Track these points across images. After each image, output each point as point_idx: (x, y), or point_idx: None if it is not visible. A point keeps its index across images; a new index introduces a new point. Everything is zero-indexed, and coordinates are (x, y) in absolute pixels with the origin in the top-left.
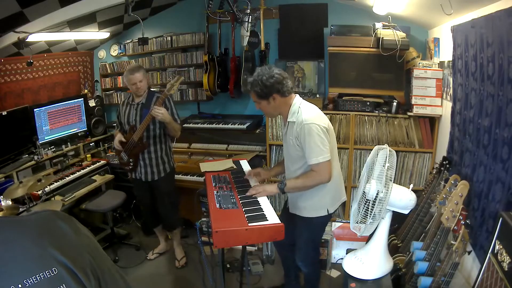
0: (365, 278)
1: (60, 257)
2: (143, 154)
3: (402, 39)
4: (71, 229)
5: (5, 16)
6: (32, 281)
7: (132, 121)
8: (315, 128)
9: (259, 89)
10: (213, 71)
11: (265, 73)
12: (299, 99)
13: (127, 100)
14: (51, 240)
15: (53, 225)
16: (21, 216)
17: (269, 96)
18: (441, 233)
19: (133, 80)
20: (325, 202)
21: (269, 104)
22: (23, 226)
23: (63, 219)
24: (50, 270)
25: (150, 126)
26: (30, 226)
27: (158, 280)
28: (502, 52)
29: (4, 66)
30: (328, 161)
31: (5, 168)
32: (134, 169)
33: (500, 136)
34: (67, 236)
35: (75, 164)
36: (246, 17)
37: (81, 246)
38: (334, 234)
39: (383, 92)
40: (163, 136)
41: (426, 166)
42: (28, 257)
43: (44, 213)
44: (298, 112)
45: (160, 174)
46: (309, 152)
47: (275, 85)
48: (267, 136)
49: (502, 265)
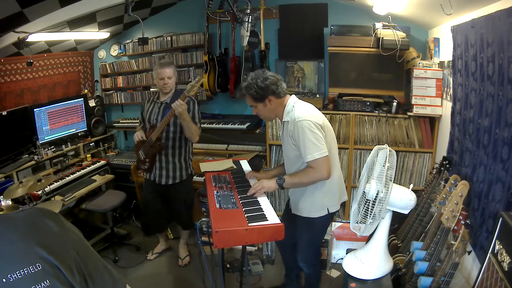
0: (365, 278)
1: (44, 253)
2: (160, 155)
3: (402, 39)
4: (57, 226)
5: (5, 16)
6: (16, 275)
7: (153, 119)
8: (307, 124)
9: (254, 91)
10: (213, 71)
11: (259, 76)
12: (294, 98)
13: (153, 97)
14: (36, 236)
15: (40, 222)
16: (9, 214)
17: (265, 98)
18: (441, 233)
19: (162, 75)
20: (326, 201)
21: (266, 106)
22: (10, 222)
23: (49, 216)
24: (34, 265)
25: (171, 128)
26: (17, 223)
27: (158, 280)
28: (502, 52)
29: (4, 66)
30: (325, 157)
31: (5, 168)
32: (150, 170)
33: (500, 136)
34: (52, 233)
35: (75, 164)
36: (246, 17)
37: (66, 243)
38: (334, 234)
39: (383, 92)
40: (184, 140)
41: (426, 166)
42: (13, 252)
43: (31, 210)
44: (292, 111)
45: (175, 180)
46: (304, 149)
47: (270, 86)
48: (267, 136)
49: (502, 265)
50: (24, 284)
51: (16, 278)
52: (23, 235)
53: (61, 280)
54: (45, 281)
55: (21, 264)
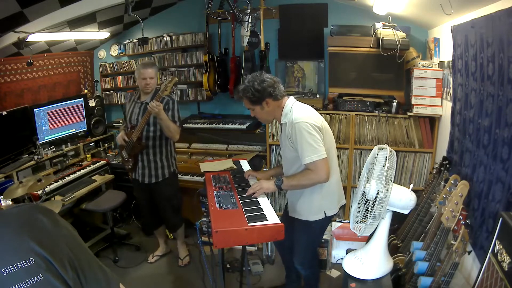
0: (365, 278)
1: (37, 248)
2: (142, 155)
3: (402, 39)
4: (50, 221)
5: (5, 16)
6: (10, 270)
7: (134, 119)
8: (305, 126)
9: (251, 94)
10: (213, 71)
11: (256, 78)
12: (292, 100)
13: (134, 97)
14: (30, 232)
15: (33, 218)
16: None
17: (262, 101)
18: (441, 233)
19: (144, 75)
20: (324, 204)
21: (263, 109)
22: (4, 218)
23: (43, 212)
24: (27, 260)
25: (150, 128)
26: (11, 218)
27: (158, 280)
28: (502, 52)
29: (4, 66)
30: (323, 159)
31: (5, 168)
32: (133, 170)
33: (500, 136)
34: (46, 228)
35: (75, 164)
36: (246, 17)
37: (59, 238)
38: (334, 234)
39: (383, 92)
40: (164, 139)
41: (426, 166)
42: (7, 247)
43: (25, 206)
44: (290, 113)
45: (158, 178)
46: (302, 151)
47: (267, 88)
48: (267, 136)
49: (502, 265)
50: (18, 278)
51: (10, 272)
52: (16, 230)
53: (54, 275)
54: (38, 275)
55: (14, 258)
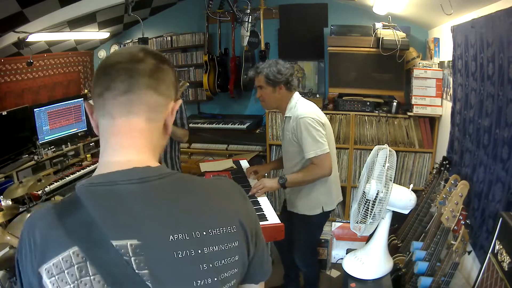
0: (365, 278)
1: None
2: None
3: (402, 39)
4: (242, 195)
5: (5, 16)
6: (216, 231)
7: None
8: (310, 121)
9: (272, 74)
10: (213, 71)
11: (281, 63)
12: (298, 95)
13: None
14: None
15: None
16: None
17: (277, 85)
18: (441, 233)
19: None
20: (322, 199)
21: (274, 93)
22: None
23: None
24: (231, 226)
25: None
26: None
27: None
28: (502, 52)
29: (4, 66)
30: (327, 154)
31: (5, 168)
32: None
33: (500, 136)
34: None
35: (75, 164)
36: (246, 17)
37: (251, 211)
38: (334, 234)
39: (383, 92)
40: (169, 138)
41: (426, 166)
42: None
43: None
44: (295, 107)
45: None
46: (306, 146)
47: (288, 76)
48: (267, 136)
49: (502, 265)
50: (220, 240)
51: (216, 234)
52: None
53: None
54: (236, 241)
55: (222, 222)
